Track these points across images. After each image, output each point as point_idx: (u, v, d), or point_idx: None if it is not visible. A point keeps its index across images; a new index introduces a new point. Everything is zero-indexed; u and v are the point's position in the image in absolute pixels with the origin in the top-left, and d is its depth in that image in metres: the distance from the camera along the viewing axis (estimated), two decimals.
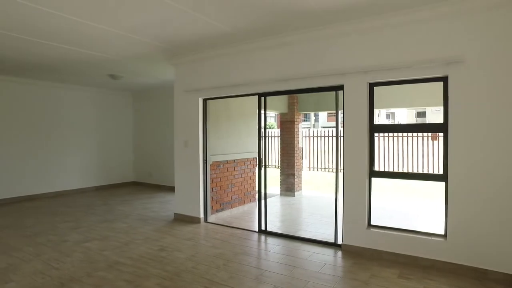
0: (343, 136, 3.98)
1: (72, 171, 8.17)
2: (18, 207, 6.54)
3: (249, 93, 4.75)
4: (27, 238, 4.56)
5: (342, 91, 4.00)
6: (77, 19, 3.63)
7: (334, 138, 11.59)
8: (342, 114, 4.05)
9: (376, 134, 3.91)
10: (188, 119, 5.40)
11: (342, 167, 4.05)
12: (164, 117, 8.67)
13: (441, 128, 3.48)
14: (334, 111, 4.25)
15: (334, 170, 4.27)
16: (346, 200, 3.98)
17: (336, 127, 4.30)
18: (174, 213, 5.63)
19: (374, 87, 3.82)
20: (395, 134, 10.21)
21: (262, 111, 4.72)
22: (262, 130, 4.81)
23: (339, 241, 4.11)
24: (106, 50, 4.88)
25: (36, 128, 7.51)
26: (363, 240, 3.86)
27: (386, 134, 9.68)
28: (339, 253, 3.93)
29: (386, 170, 10.24)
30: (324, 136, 11.94)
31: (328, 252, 3.96)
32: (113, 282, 3.20)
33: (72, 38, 4.31)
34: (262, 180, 4.81)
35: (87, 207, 6.50)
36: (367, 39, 3.74)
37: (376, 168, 4.02)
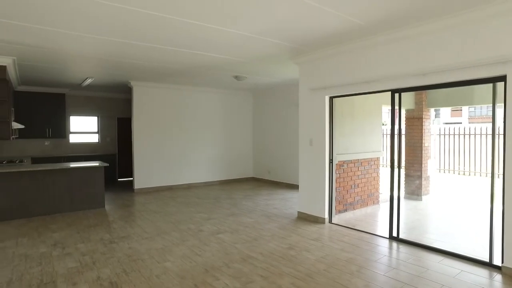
0: (505, 136, 3.33)
1: (200, 166, 9.06)
2: (160, 196, 7.57)
3: (381, 89, 4.40)
4: (172, 224, 5.22)
5: (502, 82, 3.33)
6: (210, 25, 3.85)
7: (463, 136, 10.06)
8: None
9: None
10: (313, 118, 5.33)
11: (501, 172, 3.39)
12: (282, 115, 8.85)
13: None
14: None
15: (490, 175, 3.62)
16: (509, 213, 3.31)
17: (493, 124, 3.62)
18: (298, 212, 5.66)
19: None
20: None
21: (396, 108, 4.32)
22: (396, 128, 4.40)
23: (496, 262, 3.47)
24: (235, 53, 5.16)
25: (174, 127, 8.56)
26: None
27: None
28: (498, 276, 3.30)
29: None
30: (454, 134, 10.42)
31: (481, 273, 3.37)
32: (249, 275, 3.35)
33: (207, 45, 4.68)
34: (394, 182, 4.42)
35: (215, 200, 7.09)
36: None
37: None
